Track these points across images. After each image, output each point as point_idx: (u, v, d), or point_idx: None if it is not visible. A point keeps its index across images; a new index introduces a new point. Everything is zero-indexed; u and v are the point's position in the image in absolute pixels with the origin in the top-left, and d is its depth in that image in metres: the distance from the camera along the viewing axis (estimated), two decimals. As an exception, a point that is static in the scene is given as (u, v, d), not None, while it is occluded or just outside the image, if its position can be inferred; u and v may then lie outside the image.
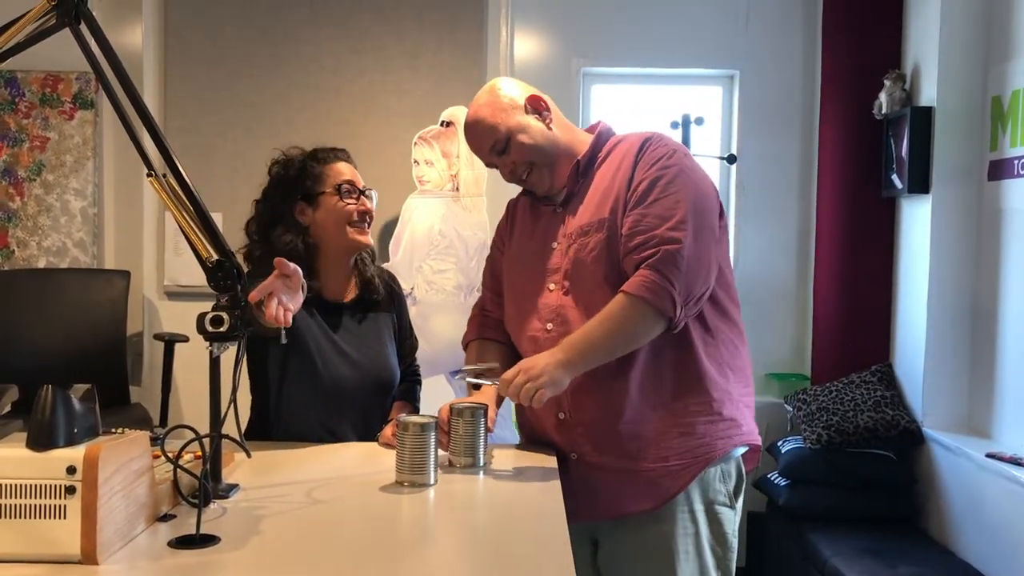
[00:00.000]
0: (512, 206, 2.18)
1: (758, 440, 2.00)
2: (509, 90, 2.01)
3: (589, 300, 1.90)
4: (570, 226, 1.97)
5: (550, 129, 2.00)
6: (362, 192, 2.20)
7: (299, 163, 2.20)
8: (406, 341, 2.34)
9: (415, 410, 2.25)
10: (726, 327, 1.96)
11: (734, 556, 1.96)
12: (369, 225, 2.22)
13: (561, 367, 1.81)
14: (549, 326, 1.94)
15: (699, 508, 1.90)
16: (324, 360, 2.12)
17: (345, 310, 2.21)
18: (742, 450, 1.97)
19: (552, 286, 1.95)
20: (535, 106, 2.00)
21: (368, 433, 2.16)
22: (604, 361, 1.85)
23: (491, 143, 1.98)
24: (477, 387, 1.98)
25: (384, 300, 2.28)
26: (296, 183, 2.18)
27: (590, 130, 2.09)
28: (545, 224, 2.03)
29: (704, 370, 1.89)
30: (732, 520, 1.95)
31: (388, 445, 2.02)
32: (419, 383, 2.38)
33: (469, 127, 2.02)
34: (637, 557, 1.92)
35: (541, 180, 2.00)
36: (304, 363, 2.10)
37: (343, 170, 2.20)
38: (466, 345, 2.18)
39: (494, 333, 2.13)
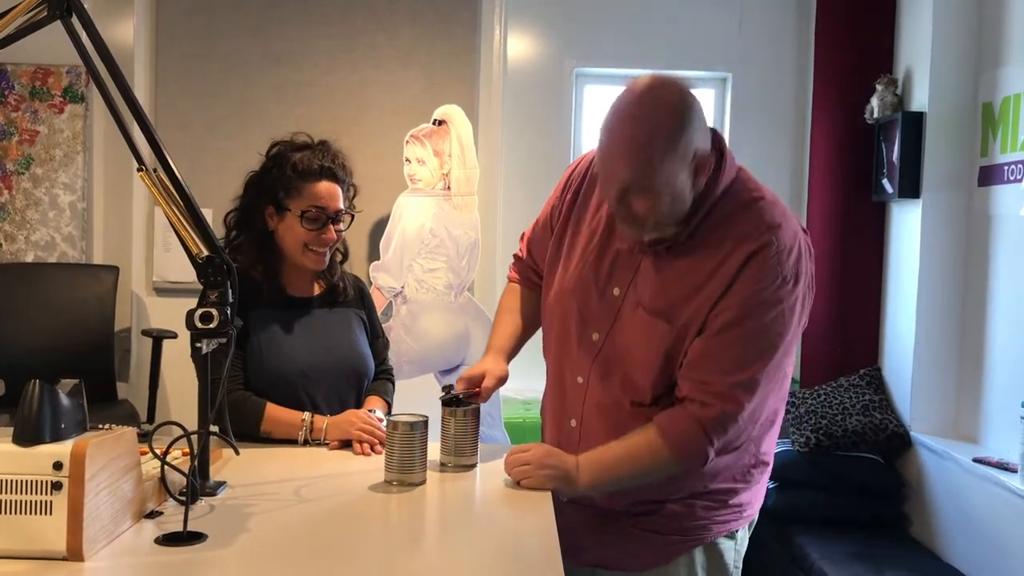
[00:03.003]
0: (589, 175, 1.84)
1: (755, 513, 1.89)
2: (694, 125, 1.62)
3: (628, 371, 1.74)
4: (641, 286, 1.73)
5: (692, 193, 1.65)
6: (332, 219, 2.15)
7: (285, 167, 2.14)
8: (377, 340, 2.36)
9: (387, 404, 2.27)
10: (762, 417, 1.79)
11: None
12: (332, 249, 2.20)
13: (570, 484, 1.75)
14: (580, 379, 1.80)
15: (698, 558, 1.81)
16: (280, 353, 2.13)
17: (313, 304, 2.24)
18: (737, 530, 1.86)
19: (596, 335, 1.77)
20: (700, 167, 1.64)
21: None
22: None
23: (628, 182, 1.61)
24: (452, 402, 1.88)
25: (353, 298, 2.32)
26: (272, 186, 2.15)
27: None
28: (617, 255, 1.77)
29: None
30: (731, 548, 1.85)
31: (363, 451, 2.01)
32: (392, 382, 2.38)
33: (626, 140, 1.61)
34: None
35: (633, 234, 1.71)
36: (255, 359, 2.11)
37: (321, 193, 2.13)
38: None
39: (532, 287, 2.03)
